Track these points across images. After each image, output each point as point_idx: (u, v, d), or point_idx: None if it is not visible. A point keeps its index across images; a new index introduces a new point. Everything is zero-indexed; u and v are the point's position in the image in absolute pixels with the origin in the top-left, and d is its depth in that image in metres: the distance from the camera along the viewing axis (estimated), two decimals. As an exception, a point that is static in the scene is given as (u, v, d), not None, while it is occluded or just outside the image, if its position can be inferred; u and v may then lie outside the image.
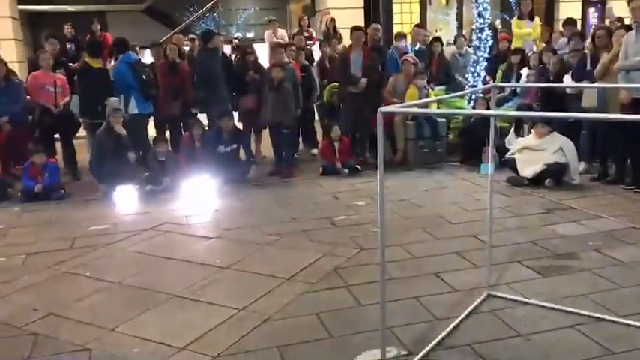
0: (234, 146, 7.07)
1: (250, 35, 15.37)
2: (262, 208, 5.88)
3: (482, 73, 8.46)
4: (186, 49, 9.07)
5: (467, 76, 8.67)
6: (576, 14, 13.73)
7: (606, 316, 3.20)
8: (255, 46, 8.94)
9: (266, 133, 7.80)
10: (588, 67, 6.36)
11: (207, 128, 7.48)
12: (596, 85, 6.04)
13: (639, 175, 5.88)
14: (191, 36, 10.06)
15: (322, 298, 3.68)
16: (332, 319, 3.38)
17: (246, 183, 6.89)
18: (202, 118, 7.76)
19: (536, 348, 2.96)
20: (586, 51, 6.67)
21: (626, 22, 8.40)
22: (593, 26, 11.34)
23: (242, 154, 7.27)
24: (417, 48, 8.99)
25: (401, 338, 3.10)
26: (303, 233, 4.98)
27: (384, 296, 2.69)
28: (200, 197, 6.24)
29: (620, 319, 3.17)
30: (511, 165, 6.44)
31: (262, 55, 9.36)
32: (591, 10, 15.75)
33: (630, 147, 5.93)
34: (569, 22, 9.24)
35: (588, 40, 6.96)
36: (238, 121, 7.86)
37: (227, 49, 8.68)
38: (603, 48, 6.23)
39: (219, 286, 3.96)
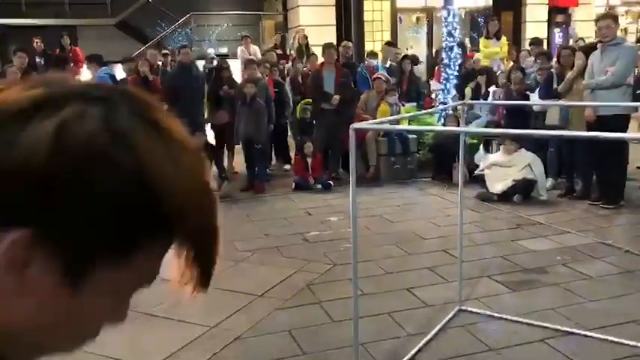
0: (207, 162, 7.01)
1: (223, 51, 15.35)
2: (234, 223, 5.84)
3: (452, 91, 8.61)
4: (160, 63, 9.03)
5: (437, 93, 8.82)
6: (542, 34, 14.13)
7: (575, 330, 3.25)
8: (229, 61, 8.95)
9: (239, 148, 7.78)
10: (555, 86, 6.54)
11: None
12: (560, 102, 6.20)
13: (605, 191, 6.03)
14: (164, 51, 10.02)
15: (295, 314, 3.66)
16: (305, 336, 3.36)
17: (219, 199, 6.82)
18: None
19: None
20: (552, 70, 6.86)
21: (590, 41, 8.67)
22: (558, 46, 11.66)
23: (214, 169, 7.23)
24: (387, 65, 9.11)
25: (373, 354, 3.10)
26: (275, 249, 4.96)
27: (357, 312, 2.70)
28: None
29: (588, 333, 3.23)
30: (481, 181, 6.55)
31: (235, 70, 9.36)
32: (556, 30, 16.23)
33: (596, 163, 6.09)
34: (536, 41, 9.49)
35: (554, 60, 7.17)
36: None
37: (201, 64, 8.66)
38: (568, 67, 6.41)
39: (189, 303, 3.91)
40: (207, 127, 8.11)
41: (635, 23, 17.45)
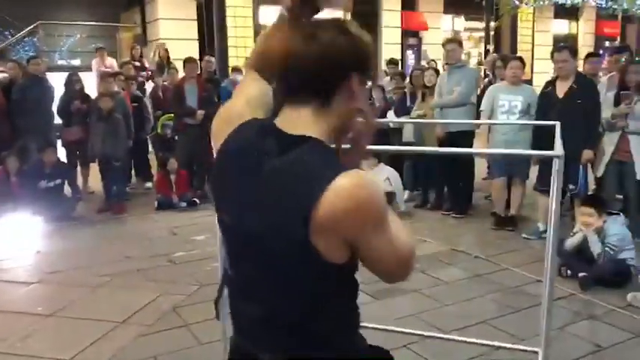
0: (58, 181, 6.52)
1: (76, 63, 14.43)
2: (91, 247, 5.47)
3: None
4: (3, 75, 8.23)
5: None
6: (397, 55, 15.08)
7: (434, 334, 3.44)
8: (82, 74, 8.42)
9: (94, 166, 7.31)
10: (408, 104, 6.97)
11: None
12: (413, 120, 6.62)
13: (455, 202, 6.51)
14: (9, 63, 9.16)
15: (160, 340, 3.49)
16: (171, 361, 3.21)
17: (73, 221, 6.37)
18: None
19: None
20: (406, 89, 7.31)
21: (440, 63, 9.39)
22: (411, 67, 12.50)
23: (67, 189, 6.72)
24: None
25: (244, 374, 3.04)
26: (137, 272, 4.70)
27: (226, 333, 2.63)
28: (19, 238, 5.63)
29: (446, 335, 3.44)
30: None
31: (89, 83, 8.84)
32: (409, 52, 17.40)
33: (446, 176, 6.56)
34: (392, 62, 10.08)
35: (407, 80, 7.65)
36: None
37: (50, 77, 8.05)
38: (419, 86, 6.88)
39: (42, 336, 3.57)
40: (59, 143, 7.56)
41: (477, 47, 19.25)
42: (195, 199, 7.03)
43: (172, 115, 7.97)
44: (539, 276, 4.10)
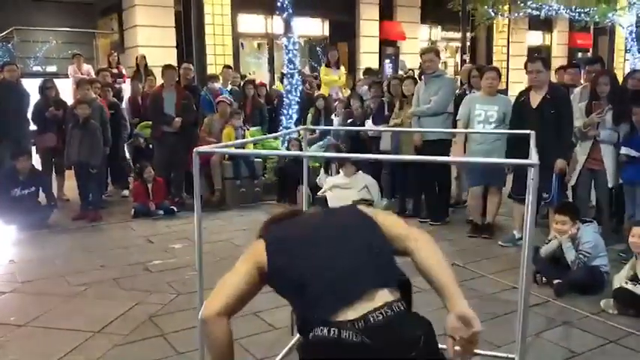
0: (33, 189, 6.42)
1: (52, 69, 14.25)
2: (66, 256, 5.38)
3: (295, 116, 8.84)
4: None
5: (280, 118, 9.01)
6: (374, 64, 15.20)
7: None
8: (58, 81, 8.33)
9: (70, 173, 7.22)
10: (386, 113, 7.03)
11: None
12: (390, 129, 6.67)
13: (433, 209, 6.57)
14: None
15: (136, 350, 3.45)
16: (148, 371, 3.18)
17: (48, 229, 6.27)
18: None
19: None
20: (384, 98, 7.37)
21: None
22: (388, 76, 12.60)
23: (42, 197, 6.62)
24: (229, 89, 9.13)
25: (222, 383, 3.01)
26: (113, 281, 4.65)
27: (203, 342, 2.61)
28: (-10, 247, 5.53)
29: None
30: (323, 202, 6.77)
31: (65, 90, 8.75)
32: (387, 61, 17.56)
33: (424, 184, 6.62)
34: (369, 71, 10.16)
35: (385, 89, 7.70)
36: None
37: (25, 83, 7.93)
38: (397, 95, 6.94)
39: (14, 347, 3.50)
40: (33, 150, 7.46)
41: (453, 57, 19.50)
42: (172, 207, 6.98)
43: (149, 122, 7.93)
44: (514, 283, 4.16)
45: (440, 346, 1.72)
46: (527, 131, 3.20)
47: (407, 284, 1.86)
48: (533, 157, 2.19)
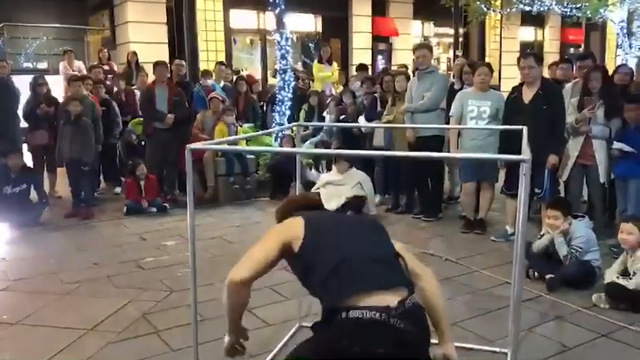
0: (24, 186, 6.38)
1: (43, 66, 14.16)
2: (59, 253, 5.36)
3: (288, 112, 8.83)
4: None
5: (273, 114, 8.99)
6: (367, 60, 15.18)
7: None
8: (49, 77, 8.27)
9: (62, 171, 7.18)
10: (378, 109, 7.03)
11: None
12: (384, 125, 6.67)
13: (426, 205, 6.58)
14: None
15: (130, 347, 3.44)
16: (141, 368, 3.17)
17: (39, 226, 6.24)
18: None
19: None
20: (376, 94, 7.37)
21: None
22: (380, 71, 12.58)
23: (34, 194, 6.58)
24: (221, 85, 9.10)
25: (216, 380, 3.02)
26: (106, 279, 4.63)
27: (197, 339, 2.61)
28: (-19, 245, 5.49)
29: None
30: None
31: (57, 87, 8.69)
32: (379, 57, 17.56)
33: (417, 180, 6.63)
34: (362, 67, 10.15)
35: (378, 85, 7.70)
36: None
37: (16, 79, 7.88)
38: (389, 91, 6.94)
39: (7, 345, 3.48)
40: (24, 147, 7.42)
41: (446, 53, 19.52)
42: (165, 204, 6.96)
43: (141, 119, 7.90)
44: (507, 278, 4.17)
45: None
46: (520, 127, 3.20)
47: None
48: (526, 153, 2.20)
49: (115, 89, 8.76)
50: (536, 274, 4.49)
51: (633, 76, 6.55)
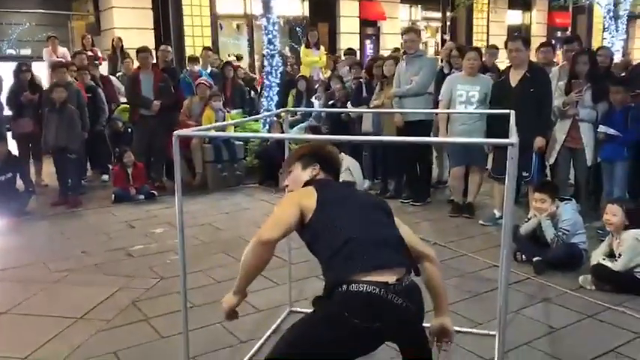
0: (10, 175, 6.31)
1: (26, 52, 13.95)
2: (46, 242, 5.33)
3: (276, 98, 8.78)
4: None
5: (262, 100, 8.94)
6: (355, 45, 15.12)
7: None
8: (33, 64, 8.15)
9: (48, 159, 7.11)
10: (364, 94, 7.00)
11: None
12: (372, 110, 6.66)
13: (414, 190, 6.60)
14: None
15: (120, 334, 3.44)
16: (132, 355, 3.18)
17: (26, 215, 6.19)
18: None
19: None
20: (362, 79, 7.34)
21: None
22: (369, 56, 12.54)
23: (20, 183, 6.51)
24: (208, 71, 9.03)
25: (206, 366, 3.03)
26: (95, 267, 4.61)
27: (187, 325, 2.61)
28: (-33, 235, 5.44)
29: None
30: (305, 185, 6.77)
31: (41, 73, 8.57)
32: (367, 41, 17.47)
33: (405, 165, 6.64)
34: (350, 52, 10.09)
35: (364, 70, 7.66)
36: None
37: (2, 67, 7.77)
38: (376, 76, 6.90)
39: (-6, 335, 3.47)
40: (9, 135, 7.32)
41: (434, 37, 19.47)
42: (153, 191, 6.92)
43: (127, 106, 7.82)
44: (495, 261, 4.21)
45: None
46: (508, 111, 3.21)
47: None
48: (513, 137, 2.21)
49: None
50: (523, 256, 4.53)
51: (613, 58, 6.58)
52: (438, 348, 2.37)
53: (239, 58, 12.60)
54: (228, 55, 13.65)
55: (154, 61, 7.81)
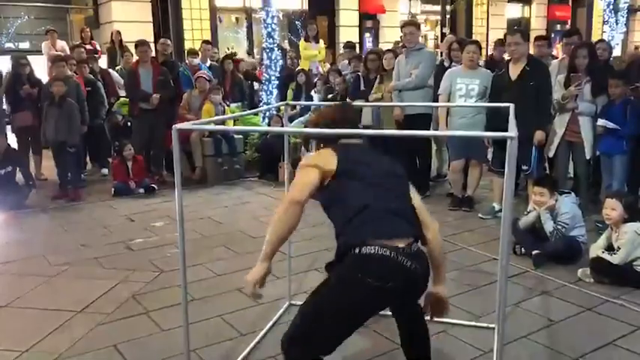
0: (9, 168, 6.31)
1: (25, 46, 13.91)
2: (46, 236, 5.33)
3: (275, 91, 8.77)
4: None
5: (260, 94, 8.92)
6: (354, 38, 15.08)
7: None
8: (32, 57, 8.13)
9: (47, 152, 7.11)
10: (362, 88, 6.98)
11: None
12: (372, 104, 6.64)
13: (413, 183, 6.54)
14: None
15: (120, 328, 3.45)
16: (132, 348, 3.19)
17: (26, 209, 6.19)
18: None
19: (337, 350, 3.13)
20: (359, 72, 7.31)
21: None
22: (367, 49, 12.51)
23: (19, 176, 6.51)
24: (208, 64, 9.01)
25: (205, 359, 3.04)
26: (94, 260, 4.62)
27: (187, 318, 2.62)
28: (-33, 228, 5.44)
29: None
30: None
31: (40, 67, 8.55)
32: (367, 34, 17.43)
33: (404, 158, 6.61)
34: (349, 45, 10.07)
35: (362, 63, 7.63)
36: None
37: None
38: (374, 70, 6.89)
39: (-5, 328, 3.48)
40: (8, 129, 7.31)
41: (433, 30, 19.41)
42: (153, 185, 6.92)
43: (127, 100, 7.81)
44: (494, 254, 4.22)
45: None
46: (507, 104, 3.21)
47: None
48: (512, 130, 2.21)
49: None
50: (522, 250, 4.54)
51: (611, 51, 6.56)
52: (431, 317, 2.57)
53: (233, 54, 12.55)
54: (228, 49, 13.62)
55: (153, 54, 7.79)
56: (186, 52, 9.15)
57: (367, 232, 2.15)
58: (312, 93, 8.45)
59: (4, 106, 7.23)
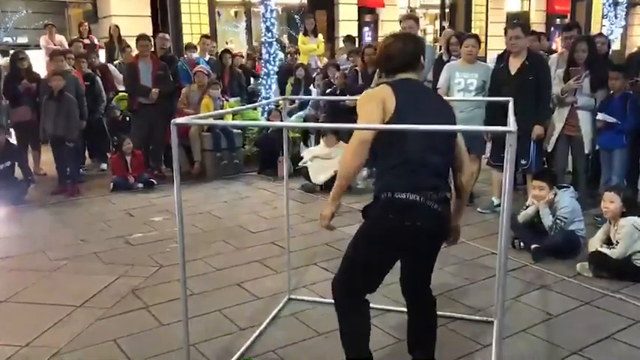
0: (8, 163, 6.30)
1: (23, 41, 13.86)
2: (45, 231, 5.33)
3: (274, 86, 8.75)
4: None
5: (259, 88, 8.90)
6: (353, 32, 15.03)
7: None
8: (30, 52, 8.11)
9: (46, 147, 7.09)
10: (360, 82, 6.96)
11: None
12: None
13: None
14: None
15: (119, 322, 3.45)
16: (131, 343, 3.19)
17: (25, 204, 6.19)
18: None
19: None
20: (357, 67, 7.29)
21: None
22: (365, 43, 12.47)
23: (18, 171, 6.50)
24: (206, 59, 8.98)
25: (205, 354, 3.05)
26: (94, 255, 4.62)
27: (187, 313, 2.63)
28: (-34, 223, 5.44)
29: (402, 309, 3.51)
30: (304, 173, 6.78)
31: (38, 62, 8.53)
32: (366, 28, 17.38)
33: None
34: (349, 39, 10.04)
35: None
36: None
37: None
38: (371, 65, 6.87)
39: (-5, 323, 3.48)
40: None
41: (432, 24, 19.36)
42: (151, 179, 6.92)
43: (125, 95, 7.79)
44: (493, 248, 4.23)
45: None
46: (507, 98, 3.21)
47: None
48: (511, 124, 2.20)
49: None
50: (521, 244, 4.55)
51: (610, 44, 6.54)
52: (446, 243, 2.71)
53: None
54: (227, 43, 13.59)
55: (152, 49, 7.77)
56: (184, 46, 9.11)
57: (402, 184, 2.34)
58: (311, 87, 8.43)
59: (3, 102, 7.21)
